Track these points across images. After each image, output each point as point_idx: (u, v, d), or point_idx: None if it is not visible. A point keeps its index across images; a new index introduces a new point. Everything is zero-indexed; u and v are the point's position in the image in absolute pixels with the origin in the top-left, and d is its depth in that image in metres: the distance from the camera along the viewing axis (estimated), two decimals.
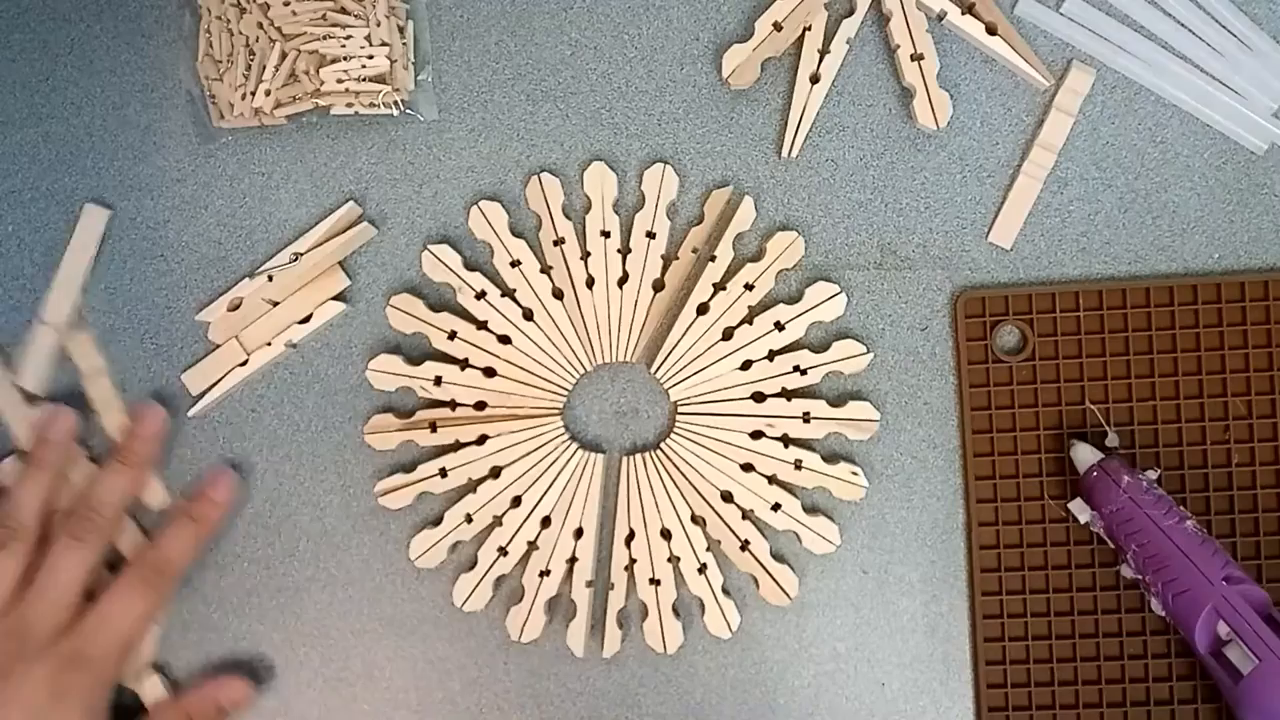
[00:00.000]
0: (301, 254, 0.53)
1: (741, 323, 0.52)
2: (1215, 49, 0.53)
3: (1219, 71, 0.53)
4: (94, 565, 0.50)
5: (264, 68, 0.51)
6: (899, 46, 0.52)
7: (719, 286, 0.53)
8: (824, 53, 0.53)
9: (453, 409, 0.53)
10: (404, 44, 0.53)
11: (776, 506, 0.52)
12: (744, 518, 0.52)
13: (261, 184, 0.55)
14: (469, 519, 0.52)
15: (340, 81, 0.51)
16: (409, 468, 0.53)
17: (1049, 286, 0.53)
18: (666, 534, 0.52)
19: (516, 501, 0.52)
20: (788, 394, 0.52)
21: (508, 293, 0.53)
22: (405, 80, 0.52)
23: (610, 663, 0.53)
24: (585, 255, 0.53)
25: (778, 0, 0.52)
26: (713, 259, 0.53)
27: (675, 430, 0.53)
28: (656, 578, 0.52)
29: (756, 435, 0.52)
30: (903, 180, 0.54)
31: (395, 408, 0.54)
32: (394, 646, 0.54)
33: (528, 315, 0.53)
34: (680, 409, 0.53)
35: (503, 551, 0.52)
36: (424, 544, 0.53)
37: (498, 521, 0.52)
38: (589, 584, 0.52)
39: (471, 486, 0.53)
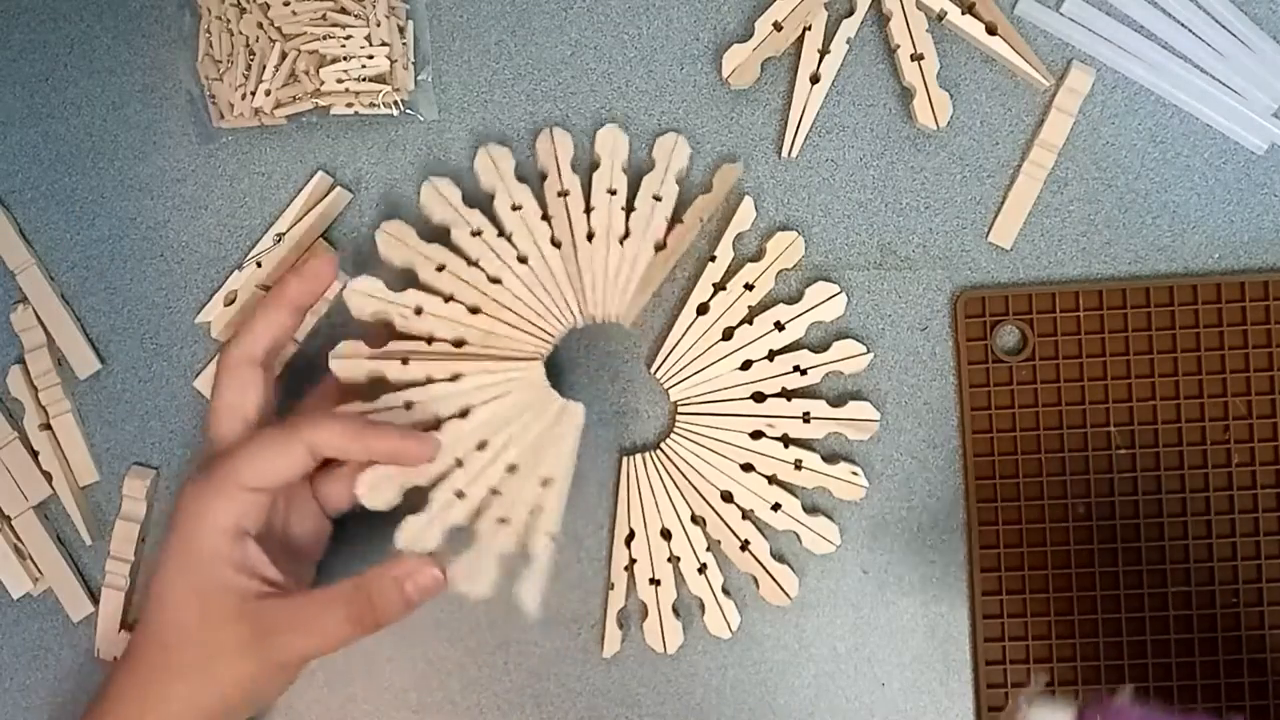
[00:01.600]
0: (284, 234, 0.53)
1: (741, 323, 0.52)
2: (1215, 49, 0.53)
3: (1219, 71, 0.53)
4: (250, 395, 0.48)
5: (264, 68, 0.51)
6: (899, 46, 0.53)
7: (719, 286, 0.53)
8: (824, 53, 0.53)
9: (429, 344, 0.50)
10: (404, 44, 0.53)
11: (776, 506, 0.52)
12: (744, 518, 0.52)
13: (261, 184, 0.55)
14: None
15: (340, 81, 0.51)
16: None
17: (1049, 286, 0.53)
18: (666, 534, 0.52)
19: (483, 445, 0.49)
20: (788, 394, 0.52)
21: (504, 234, 0.51)
22: (405, 80, 0.52)
23: (610, 663, 0.53)
24: (589, 210, 0.52)
25: (778, 0, 0.52)
26: (713, 259, 0.53)
27: (675, 430, 0.53)
28: (656, 578, 0.52)
29: (756, 435, 0.52)
30: (903, 180, 0.54)
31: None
32: (394, 646, 0.54)
33: (522, 259, 0.51)
34: (680, 409, 0.53)
35: (460, 495, 0.47)
36: (374, 479, 0.48)
37: (458, 464, 0.48)
38: (551, 536, 0.47)
39: (436, 424, 0.49)
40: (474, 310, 0.50)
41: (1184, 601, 0.52)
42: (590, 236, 0.51)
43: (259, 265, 0.53)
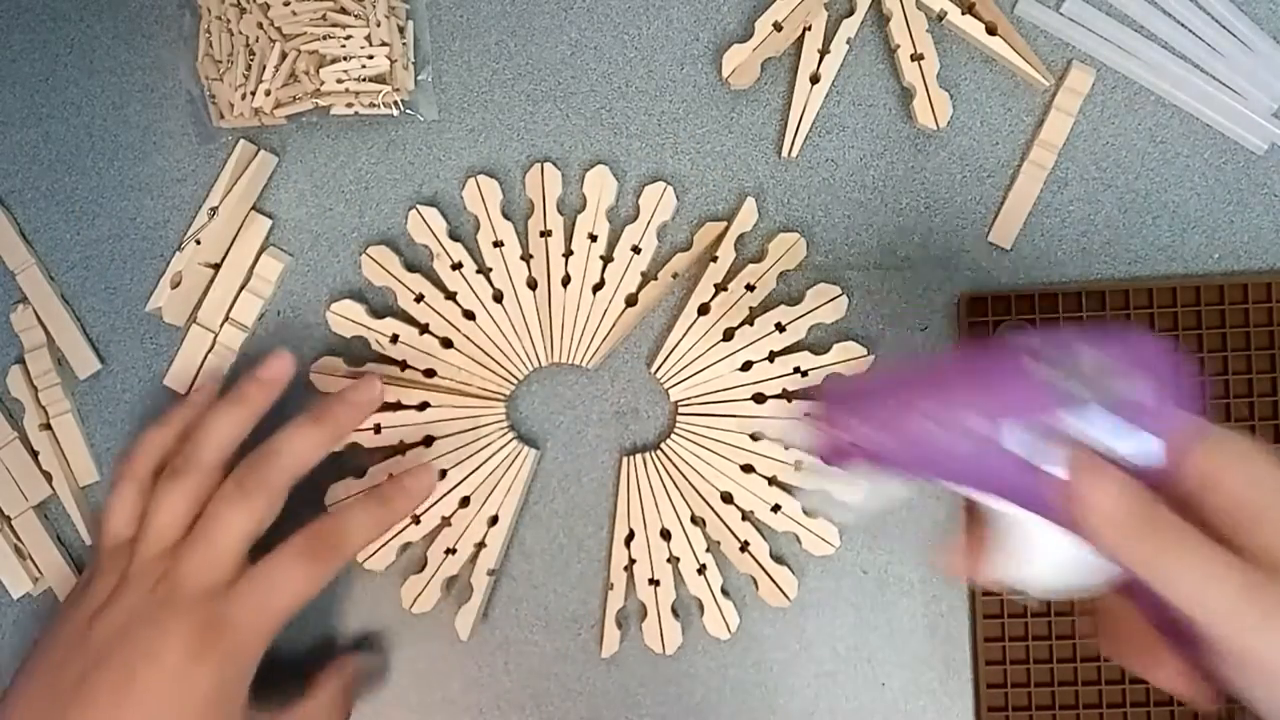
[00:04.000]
0: (216, 208, 0.53)
1: (742, 324, 0.52)
2: (1216, 49, 0.53)
3: (1219, 71, 0.53)
4: (260, 520, 0.46)
5: (264, 68, 0.51)
6: (899, 46, 0.52)
7: (720, 287, 0.52)
8: (824, 53, 0.53)
9: (402, 370, 0.53)
10: (404, 44, 0.53)
11: (776, 508, 0.52)
12: (744, 519, 0.52)
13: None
14: (391, 478, 0.51)
15: (340, 81, 0.51)
16: None
17: (1052, 287, 0.53)
18: (666, 534, 0.52)
19: (442, 475, 0.52)
20: (789, 395, 0.52)
21: (483, 270, 0.53)
22: (405, 80, 0.52)
23: (609, 663, 0.53)
24: (568, 253, 0.53)
25: (778, 0, 0.52)
26: (714, 260, 0.53)
27: (675, 430, 0.53)
28: (656, 578, 0.52)
29: (757, 436, 0.52)
30: (903, 180, 0.53)
31: (345, 356, 0.53)
32: (394, 646, 0.54)
33: (497, 297, 0.53)
34: (680, 409, 0.53)
35: (415, 520, 0.52)
36: (340, 492, 0.52)
37: None
38: (490, 572, 0.52)
39: (402, 449, 0.52)
40: (446, 344, 0.53)
41: None
42: (565, 281, 0.53)
43: (199, 243, 0.53)
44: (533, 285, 0.53)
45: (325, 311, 0.53)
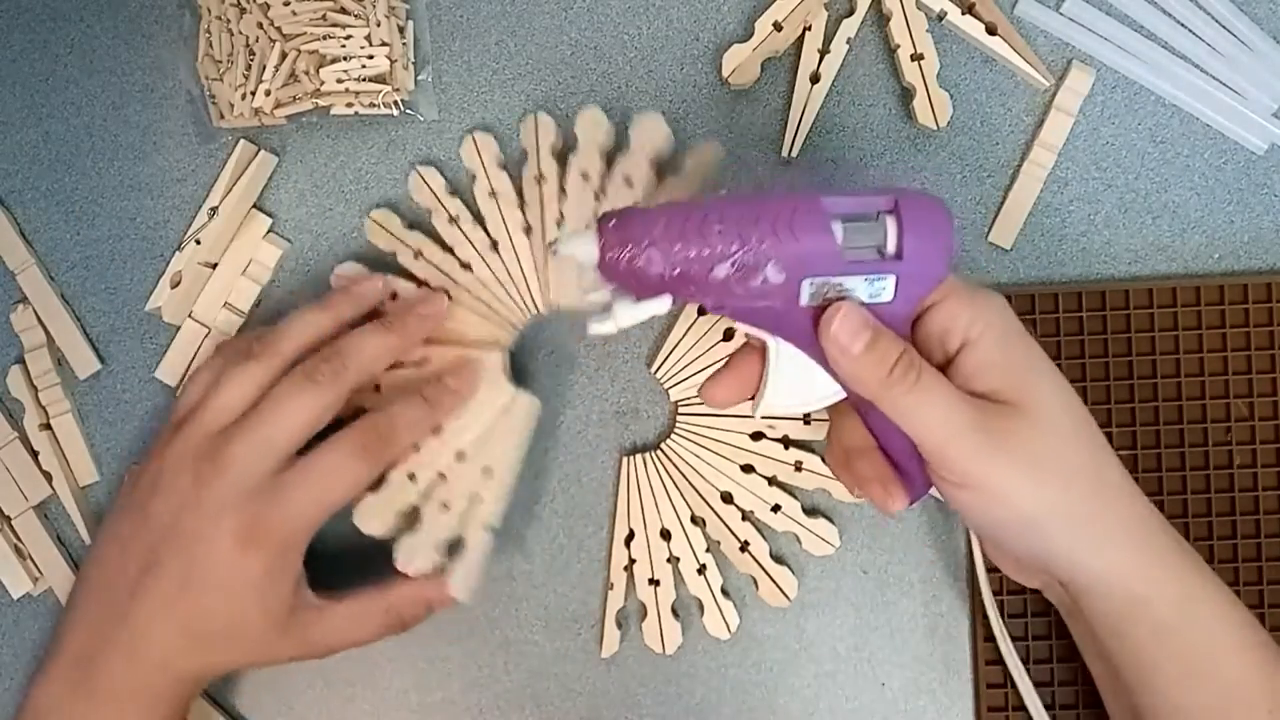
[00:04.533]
0: (216, 207, 0.53)
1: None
2: (1215, 49, 0.53)
3: (1219, 71, 0.53)
4: (320, 414, 0.46)
5: (264, 68, 0.51)
6: (899, 46, 0.52)
7: None
8: (824, 52, 0.53)
9: None
10: (404, 44, 0.53)
11: (776, 508, 0.52)
12: (744, 519, 0.52)
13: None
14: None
15: (340, 81, 0.51)
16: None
17: (1052, 286, 0.53)
18: (666, 534, 0.52)
19: (438, 430, 0.50)
20: None
21: (479, 221, 0.52)
22: (405, 80, 0.52)
23: (610, 663, 0.53)
24: (561, 194, 0.51)
25: (778, 0, 0.52)
26: None
27: (675, 430, 0.53)
28: (656, 578, 0.52)
29: (757, 436, 0.52)
30: (903, 180, 0.53)
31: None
32: (394, 647, 0.54)
33: (494, 246, 0.52)
34: (680, 409, 0.53)
35: (411, 477, 0.49)
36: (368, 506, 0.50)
37: (415, 448, 0.50)
38: (487, 528, 0.49)
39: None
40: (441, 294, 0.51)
41: None
42: (560, 223, 0.51)
43: (198, 243, 0.53)
44: (528, 231, 0.52)
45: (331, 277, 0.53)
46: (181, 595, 0.45)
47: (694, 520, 0.52)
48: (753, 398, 0.44)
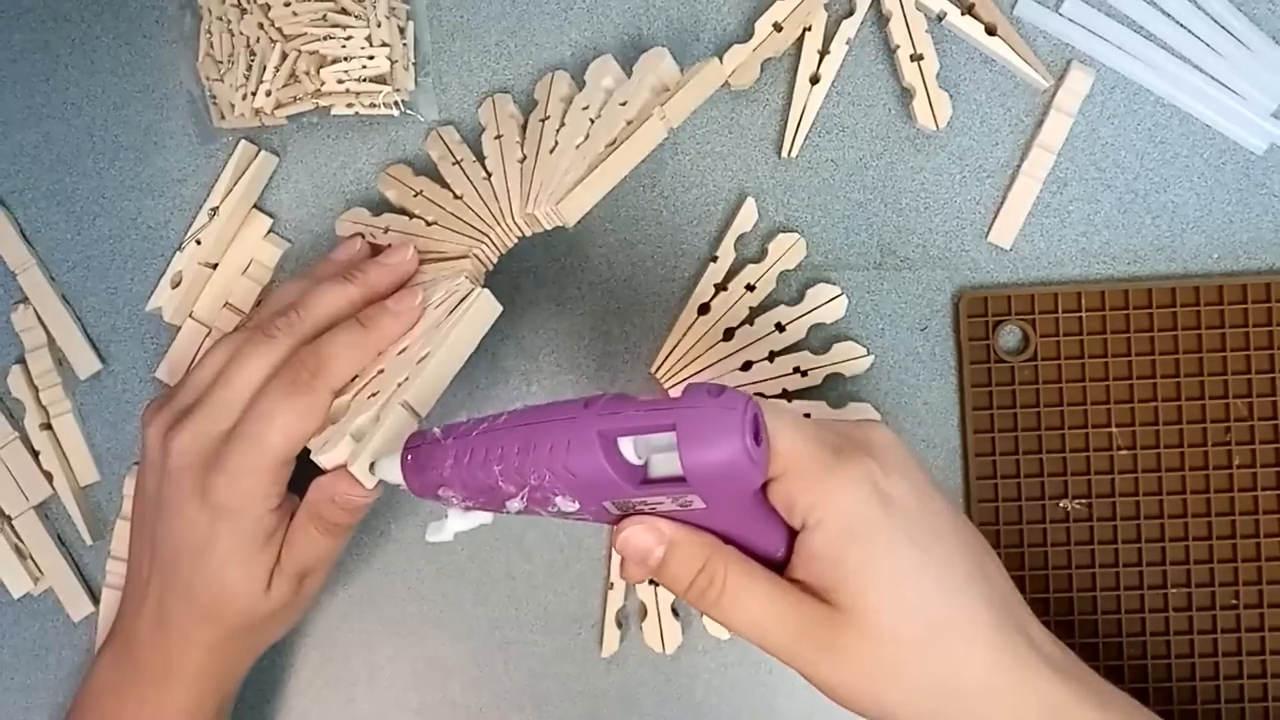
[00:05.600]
0: (217, 208, 0.53)
1: (742, 324, 0.52)
2: (1214, 49, 0.53)
3: (1218, 72, 0.53)
4: (277, 365, 0.45)
5: (264, 68, 0.51)
6: (899, 47, 0.53)
7: (720, 287, 0.53)
8: (824, 53, 0.53)
9: None
10: (404, 45, 0.53)
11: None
12: None
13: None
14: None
15: (341, 82, 0.51)
16: None
17: (1052, 287, 0.53)
18: None
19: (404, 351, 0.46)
20: (788, 395, 0.52)
21: (479, 159, 0.52)
22: (405, 81, 0.52)
23: (609, 662, 0.53)
24: (560, 127, 0.50)
25: (778, 1, 0.52)
26: (714, 259, 0.53)
27: None
28: None
29: None
30: (902, 180, 0.54)
31: None
32: (394, 647, 0.54)
33: (488, 177, 0.51)
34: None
35: (373, 395, 0.45)
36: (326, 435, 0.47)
37: (380, 372, 0.46)
38: (407, 406, 0.43)
39: None
40: (431, 224, 0.51)
41: (1184, 602, 0.52)
42: (553, 150, 0.49)
43: (199, 243, 0.53)
44: (522, 161, 0.51)
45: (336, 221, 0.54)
46: (176, 566, 0.45)
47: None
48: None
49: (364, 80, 0.51)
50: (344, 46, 0.51)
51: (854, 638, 0.37)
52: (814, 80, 0.53)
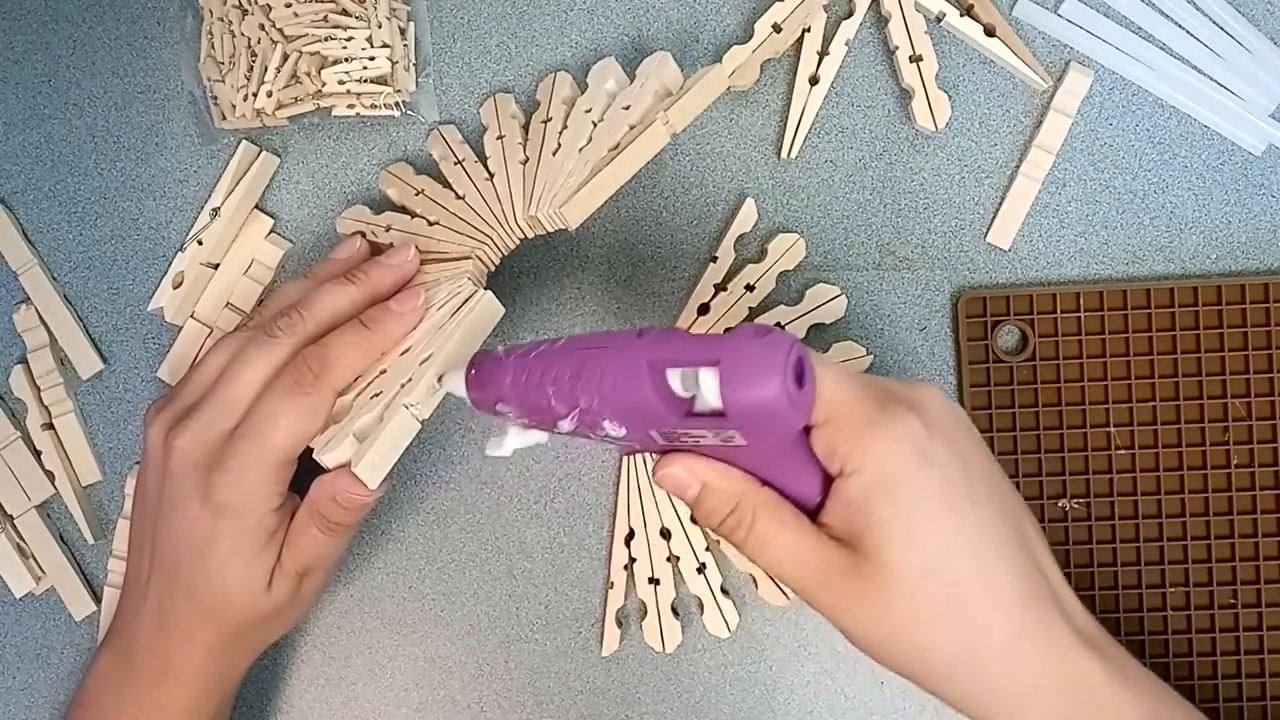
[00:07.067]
0: (218, 208, 0.54)
1: (742, 324, 0.53)
2: (1213, 50, 0.53)
3: (1217, 73, 0.53)
4: (279, 365, 0.45)
5: (266, 69, 0.51)
6: (898, 48, 0.53)
7: (720, 287, 0.53)
8: (823, 54, 0.53)
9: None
10: (405, 46, 0.53)
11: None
12: None
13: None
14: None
15: (342, 83, 0.51)
16: None
17: (1050, 287, 0.53)
18: (666, 533, 0.52)
19: (407, 352, 0.47)
20: None
21: (481, 160, 0.52)
22: (406, 82, 0.52)
23: (609, 661, 0.53)
24: (563, 129, 0.50)
25: (777, 2, 0.53)
26: (714, 260, 0.53)
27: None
28: (655, 577, 0.52)
29: None
30: (901, 181, 0.54)
31: None
32: (395, 645, 0.54)
33: (490, 177, 0.51)
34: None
35: (376, 396, 0.45)
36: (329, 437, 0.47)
37: (383, 372, 0.47)
38: (410, 408, 0.43)
39: None
40: (433, 224, 0.51)
41: (1183, 601, 0.52)
42: (556, 152, 0.49)
43: (200, 244, 0.54)
44: (524, 162, 0.51)
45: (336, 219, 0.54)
46: (177, 565, 0.45)
47: (694, 519, 0.53)
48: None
49: (365, 81, 0.51)
50: (345, 47, 0.51)
51: (873, 587, 0.37)
52: (813, 81, 0.53)
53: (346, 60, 0.51)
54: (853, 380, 0.38)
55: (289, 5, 0.51)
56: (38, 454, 0.54)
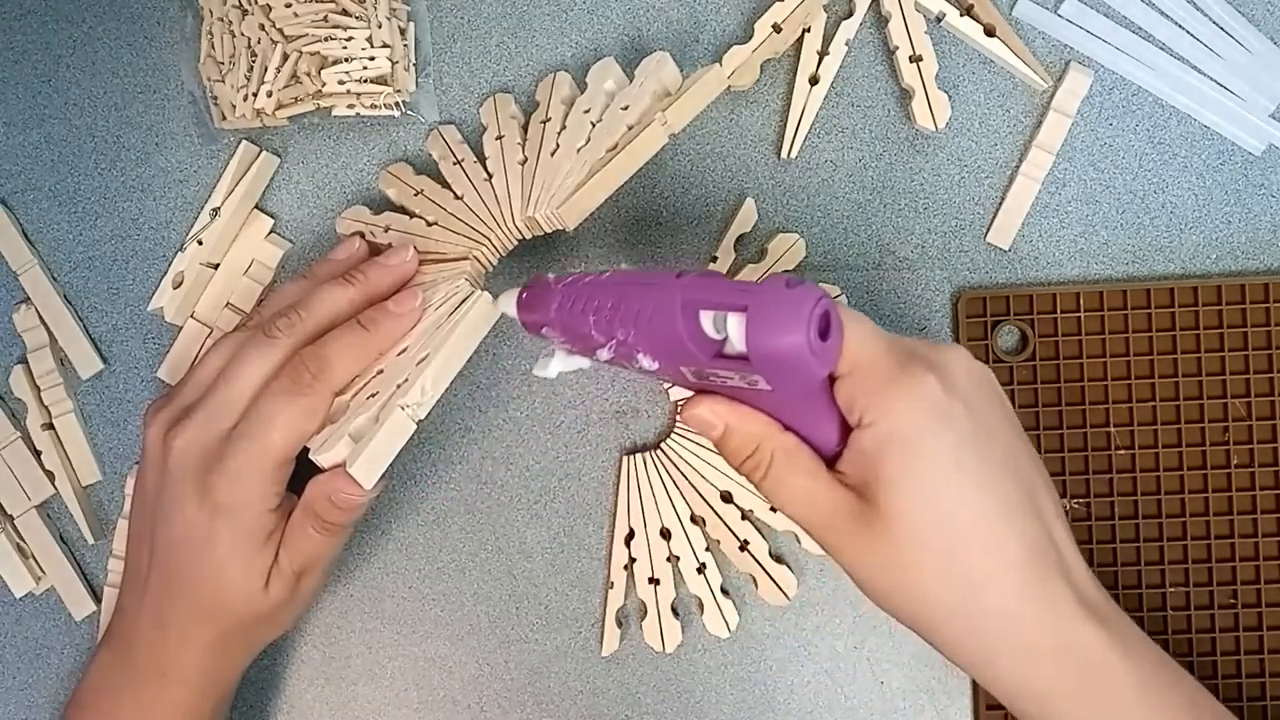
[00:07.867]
0: (218, 208, 0.54)
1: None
2: (1213, 50, 0.53)
3: (1217, 73, 0.53)
4: (278, 366, 0.46)
5: (266, 69, 0.51)
6: (898, 48, 0.53)
7: None
8: (823, 54, 0.53)
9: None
10: (405, 46, 0.53)
11: (775, 507, 0.52)
12: (743, 518, 0.52)
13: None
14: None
15: (342, 83, 0.51)
16: None
17: (1050, 287, 0.53)
18: (666, 533, 0.53)
19: (404, 352, 0.47)
20: None
21: (480, 160, 0.52)
22: (406, 82, 0.53)
23: (610, 661, 0.53)
24: (562, 129, 0.50)
25: (777, 2, 0.53)
26: (714, 260, 0.53)
27: (675, 430, 0.53)
28: (656, 577, 0.52)
29: None
30: (901, 181, 0.54)
31: None
32: (395, 645, 0.54)
33: (489, 178, 0.51)
34: (680, 409, 0.53)
35: (372, 396, 0.45)
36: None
37: (379, 372, 0.46)
38: (406, 409, 0.43)
39: None
40: (432, 224, 0.51)
41: (1183, 601, 0.52)
42: (554, 152, 0.49)
43: (200, 244, 0.54)
44: (523, 163, 0.51)
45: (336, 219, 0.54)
46: (175, 564, 0.45)
47: (694, 519, 0.53)
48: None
49: (365, 81, 0.51)
50: (345, 47, 0.51)
51: (879, 534, 0.38)
52: (813, 81, 0.53)
53: (346, 60, 0.51)
54: (880, 337, 0.39)
55: (289, 5, 0.51)
56: (38, 454, 0.54)
